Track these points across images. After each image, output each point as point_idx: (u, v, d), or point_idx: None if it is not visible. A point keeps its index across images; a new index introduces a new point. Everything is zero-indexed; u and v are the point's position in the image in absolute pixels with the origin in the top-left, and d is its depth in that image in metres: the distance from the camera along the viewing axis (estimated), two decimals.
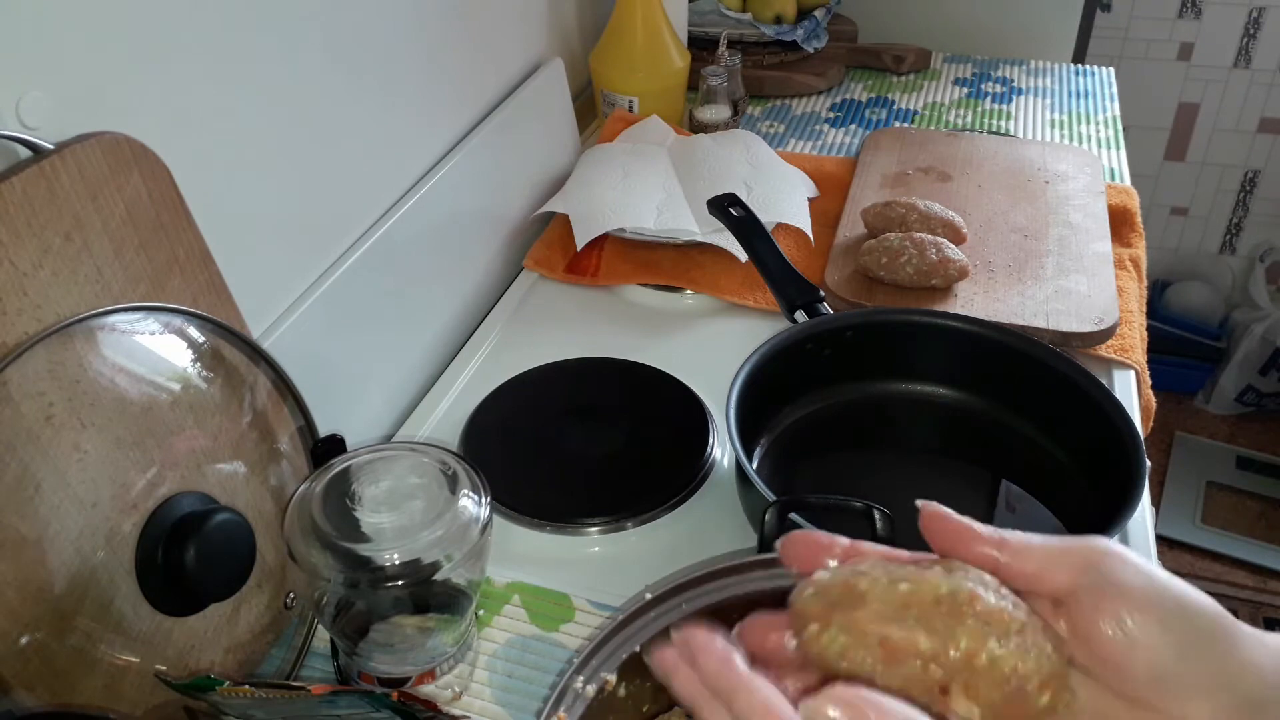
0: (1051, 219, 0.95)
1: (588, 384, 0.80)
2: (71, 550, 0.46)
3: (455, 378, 0.82)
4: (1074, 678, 0.32)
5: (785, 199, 0.96)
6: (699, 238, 0.91)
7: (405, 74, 0.81)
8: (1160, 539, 1.80)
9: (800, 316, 0.75)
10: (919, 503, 0.35)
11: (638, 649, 0.46)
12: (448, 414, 0.78)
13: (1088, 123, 1.20)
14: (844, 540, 0.36)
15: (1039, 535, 0.34)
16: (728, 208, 0.84)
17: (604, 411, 0.77)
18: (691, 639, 0.35)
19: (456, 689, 0.57)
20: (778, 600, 0.50)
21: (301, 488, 0.52)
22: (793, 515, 0.57)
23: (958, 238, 0.90)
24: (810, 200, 0.99)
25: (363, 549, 0.49)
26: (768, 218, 0.90)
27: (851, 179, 1.04)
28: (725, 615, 0.49)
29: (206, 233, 0.55)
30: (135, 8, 0.53)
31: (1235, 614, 0.31)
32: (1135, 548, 0.66)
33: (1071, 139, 1.17)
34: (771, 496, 0.58)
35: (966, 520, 0.35)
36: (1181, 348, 2.10)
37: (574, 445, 0.74)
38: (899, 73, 1.33)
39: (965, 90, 1.29)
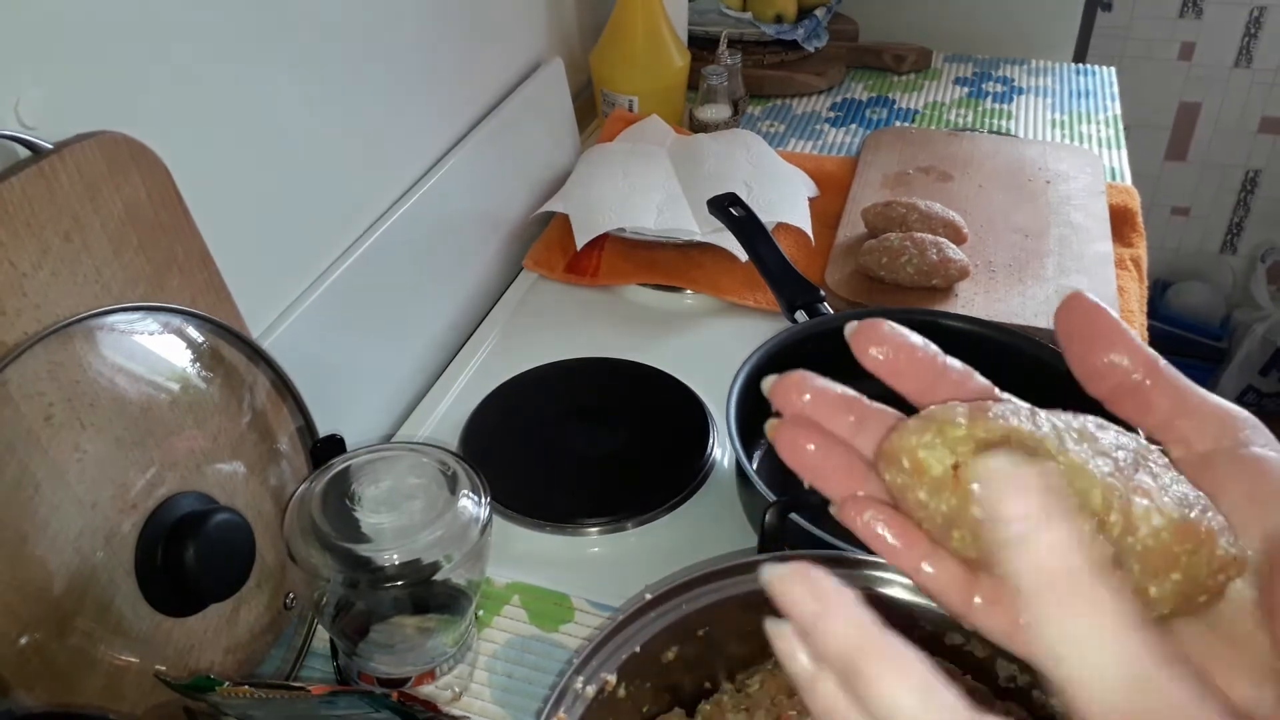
0: (1052, 219, 0.95)
1: (588, 384, 0.80)
2: (71, 550, 0.46)
3: (455, 378, 0.82)
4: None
5: (785, 199, 0.96)
6: (699, 237, 0.91)
7: (405, 73, 0.81)
8: None
9: (800, 316, 0.75)
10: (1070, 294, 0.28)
11: (638, 649, 0.46)
12: (447, 414, 0.78)
13: (1089, 122, 1.20)
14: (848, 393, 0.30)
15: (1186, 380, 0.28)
16: (728, 207, 0.84)
17: (604, 411, 0.77)
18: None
19: (456, 689, 0.57)
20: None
21: (301, 488, 0.52)
22: (793, 515, 0.57)
23: (958, 237, 0.90)
24: (810, 200, 0.99)
25: (362, 549, 0.49)
26: (768, 217, 0.90)
27: (852, 179, 1.04)
28: (724, 615, 0.49)
29: (205, 232, 0.55)
30: (134, 8, 0.53)
31: None
32: None
33: (1072, 138, 1.16)
34: (772, 497, 0.58)
35: (1121, 328, 0.28)
36: (1182, 348, 2.10)
37: (574, 445, 0.74)
38: (900, 72, 1.33)
39: (966, 90, 1.29)
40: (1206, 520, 0.26)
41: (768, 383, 0.31)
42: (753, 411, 0.68)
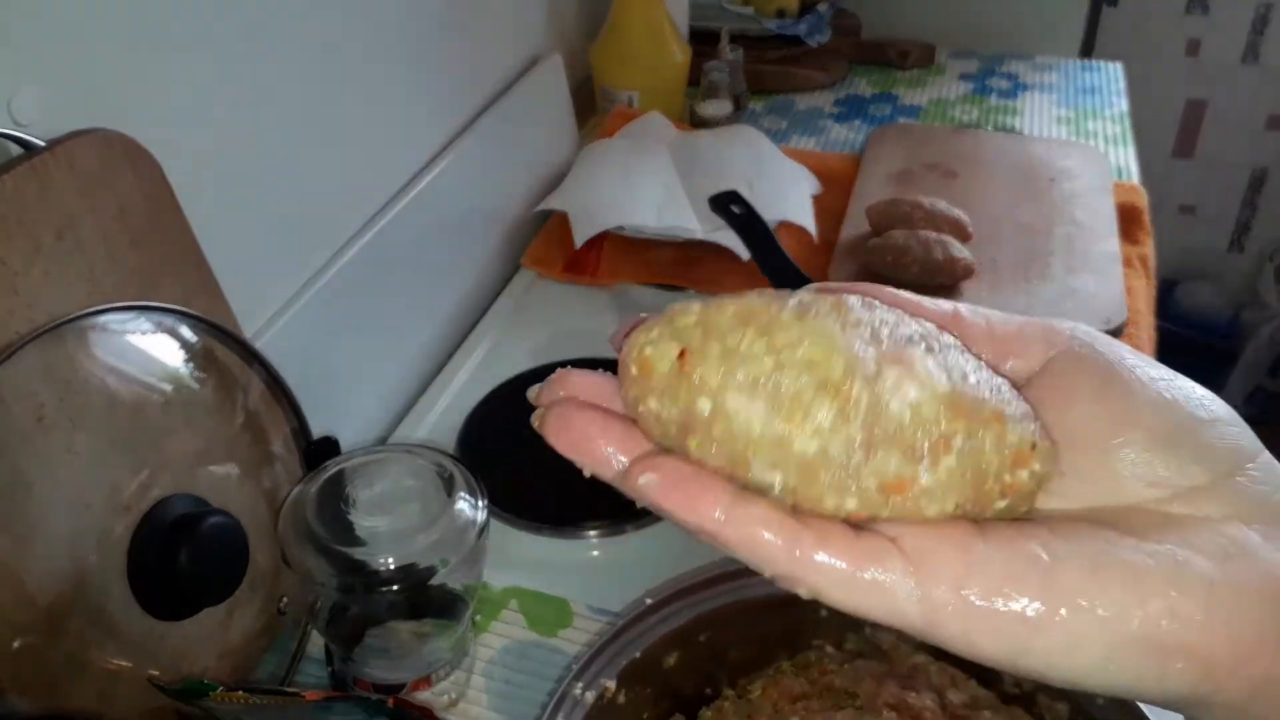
0: (1058, 217, 0.94)
1: None
2: (63, 553, 0.45)
3: (451, 378, 0.82)
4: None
5: (788, 196, 0.95)
6: (700, 235, 0.90)
7: (402, 69, 0.81)
8: None
9: None
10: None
11: (638, 655, 0.46)
12: (444, 415, 0.78)
13: (1095, 119, 1.19)
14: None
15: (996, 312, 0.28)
16: (729, 205, 0.84)
17: None
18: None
19: (453, 695, 0.56)
20: (778, 606, 0.49)
21: (295, 490, 0.51)
22: None
23: (963, 235, 0.89)
24: (814, 197, 0.99)
25: (357, 553, 0.48)
26: (770, 215, 0.89)
27: (856, 175, 1.03)
28: (725, 620, 0.48)
29: (199, 231, 0.54)
30: (128, 4, 0.53)
31: None
32: None
33: (1079, 135, 1.15)
34: None
35: (906, 294, 0.28)
36: (1188, 348, 2.08)
37: None
38: (904, 68, 1.32)
39: (971, 86, 1.28)
40: (990, 399, 0.22)
41: (532, 391, 0.28)
42: None
